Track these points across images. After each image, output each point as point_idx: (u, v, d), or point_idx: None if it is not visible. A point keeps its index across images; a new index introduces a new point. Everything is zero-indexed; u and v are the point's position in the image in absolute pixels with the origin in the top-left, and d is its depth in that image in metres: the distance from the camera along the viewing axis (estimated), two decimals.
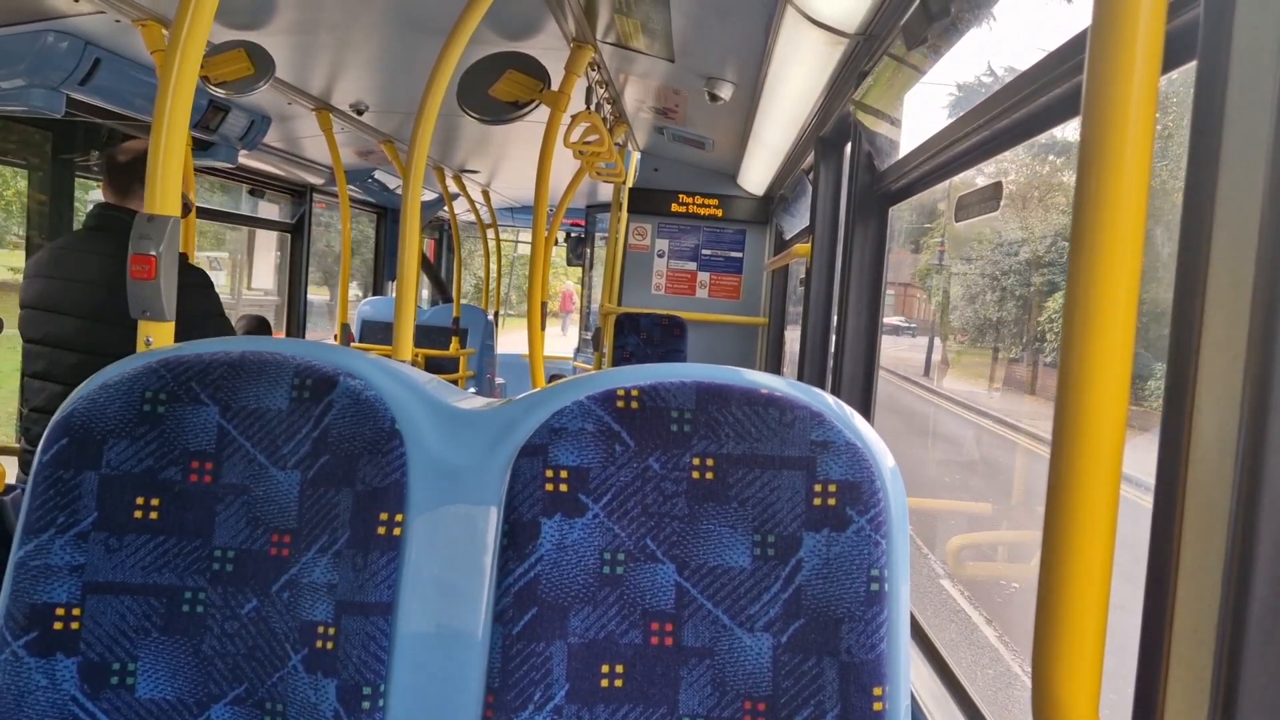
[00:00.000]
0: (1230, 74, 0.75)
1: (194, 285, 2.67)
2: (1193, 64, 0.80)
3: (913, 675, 1.01)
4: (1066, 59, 1.27)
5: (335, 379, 1.03)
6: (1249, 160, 0.72)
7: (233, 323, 3.13)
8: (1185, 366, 0.78)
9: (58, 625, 0.98)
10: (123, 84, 3.22)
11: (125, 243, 2.48)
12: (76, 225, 3.88)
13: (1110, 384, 0.73)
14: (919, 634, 2.02)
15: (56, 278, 2.59)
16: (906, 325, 11.05)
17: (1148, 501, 0.84)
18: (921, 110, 2.56)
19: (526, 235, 10.43)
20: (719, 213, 5.90)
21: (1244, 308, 0.71)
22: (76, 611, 0.99)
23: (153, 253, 1.48)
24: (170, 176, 1.50)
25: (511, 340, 8.59)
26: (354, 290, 7.95)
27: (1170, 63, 0.86)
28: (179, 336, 1.90)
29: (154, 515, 1.00)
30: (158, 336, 1.52)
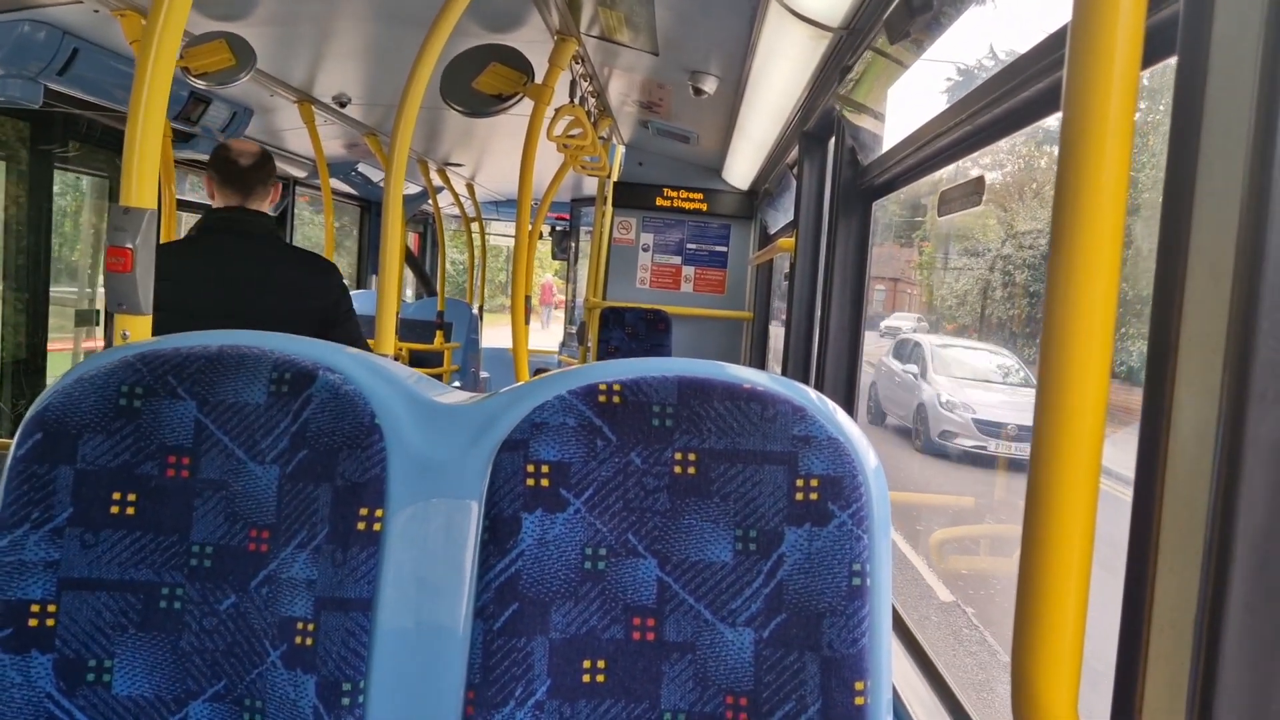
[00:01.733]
0: (1210, 69, 0.75)
1: (343, 283, 2.70)
2: (1172, 59, 0.80)
3: (894, 669, 1.01)
4: (1049, 53, 1.27)
5: (314, 373, 1.02)
6: (1228, 155, 0.72)
7: None
8: (1164, 362, 0.78)
9: (33, 622, 0.97)
10: (101, 74, 3.19)
11: (258, 244, 2.64)
12: (56, 217, 3.85)
13: (1090, 380, 0.73)
14: (900, 628, 2.03)
15: (186, 280, 2.54)
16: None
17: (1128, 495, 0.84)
18: (905, 105, 2.57)
19: (498, 228, 10.38)
20: (704, 207, 5.90)
21: (1223, 303, 0.72)
22: (52, 608, 0.98)
23: (129, 245, 1.46)
24: (147, 168, 1.48)
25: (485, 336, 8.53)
26: None
27: (1150, 58, 0.86)
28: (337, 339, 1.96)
29: (130, 511, 1.00)
30: (134, 330, 1.51)
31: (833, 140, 2.70)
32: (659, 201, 5.89)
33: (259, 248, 2.62)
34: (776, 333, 5.38)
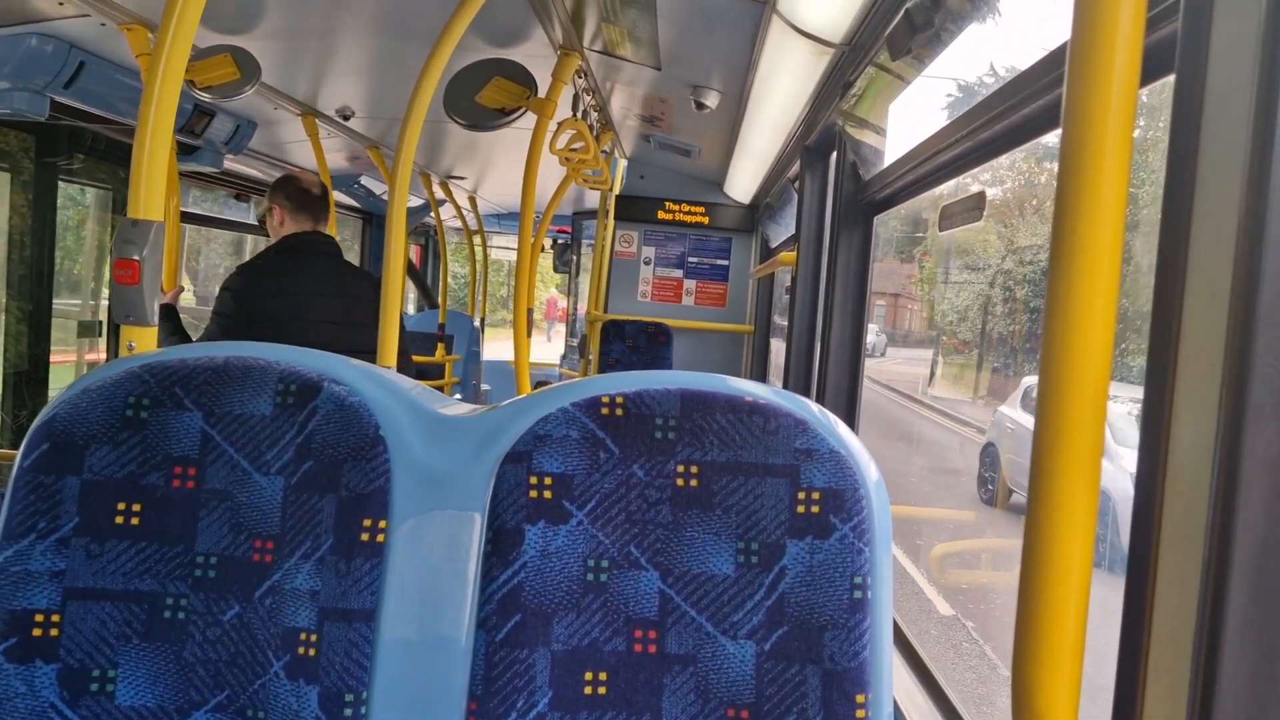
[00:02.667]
0: (1207, 87, 0.76)
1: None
2: (1162, 81, 0.81)
3: (895, 682, 1.02)
4: (1048, 71, 1.28)
5: (319, 385, 1.03)
6: (1225, 172, 0.73)
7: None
8: (1163, 377, 0.79)
9: (37, 631, 0.98)
10: (107, 87, 3.21)
11: (342, 261, 3.14)
12: (59, 228, 3.87)
13: (1089, 392, 0.73)
14: (901, 640, 2.03)
15: (289, 293, 3.01)
16: None
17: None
18: (907, 120, 2.58)
19: (500, 241, 10.40)
20: (705, 220, 5.91)
21: (1220, 319, 0.72)
22: (56, 618, 0.98)
23: (136, 258, 1.47)
24: (154, 181, 1.49)
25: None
26: None
27: (1149, 76, 0.87)
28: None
29: (135, 521, 1.00)
30: (141, 341, 1.52)
31: (834, 155, 2.71)
32: (660, 215, 5.91)
33: (345, 264, 3.20)
34: (778, 346, 5.39)
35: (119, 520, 1.00)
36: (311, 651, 0.98)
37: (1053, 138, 1.48)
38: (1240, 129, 0.71)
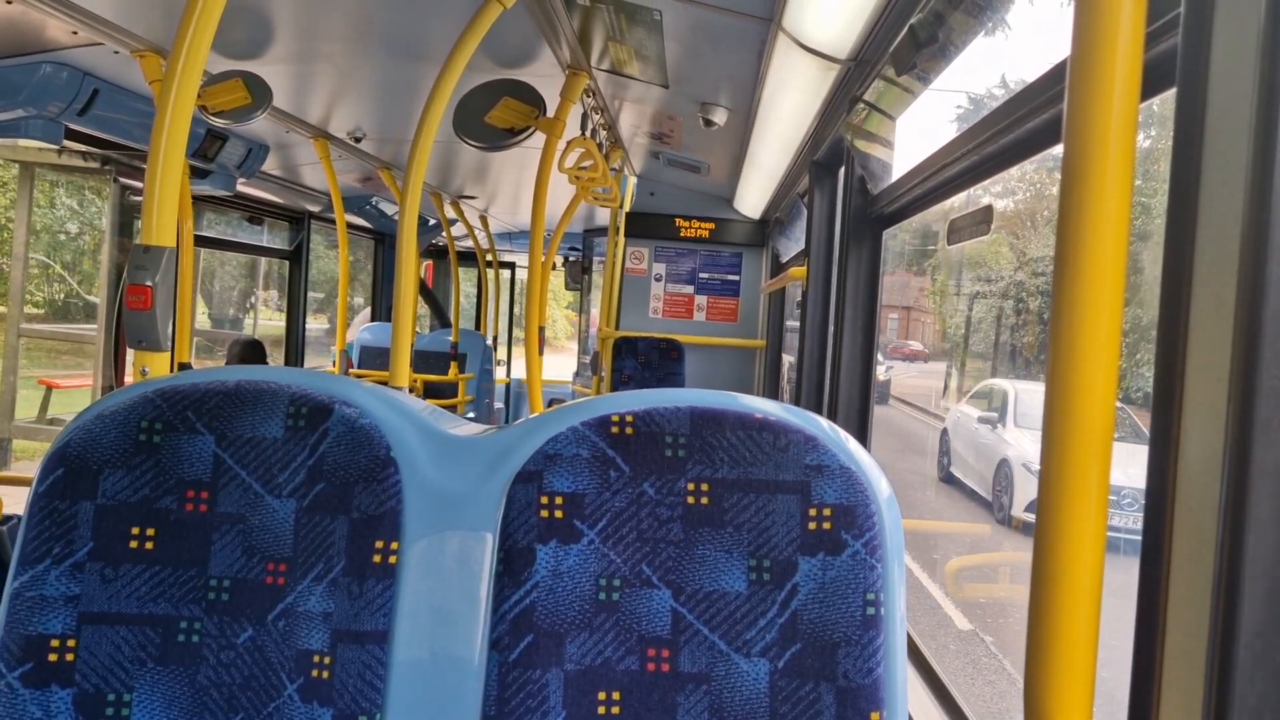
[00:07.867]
0: (1209, 100, 0.76)
1: None
2: (1172, 91, 0.81)
3: (910, 698, 1.01)
4: (1053, 84, 1.28)
5: (330, 407, 1.03)
6: (1228, 184, 0.73)
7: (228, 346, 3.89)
8: (1171, 390, 0.79)
9: (53, 656, 0.98)
10: (120, 114, 3.25)
11: None
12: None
13: (1096, 406, 0.73)
14: (916, 656, 2.02)
15: None
16: None
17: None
18: (915, 134, 2.58)
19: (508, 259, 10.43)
20: (716, 236, 5.93)
21: (1226, 331, 0.72)
22: (72, 642, 0.99)
23: (149, 283, 1.48)
24: (166, 206, 1.50)
25: None
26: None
27: (1149, 90, 0.87)
28: None
29: (150, 545, 1.01)
30: (154, 366, 1.53)
31: (842, 169, 2.71)
32: (671, 231, 5.93)
33: None
34: (791, 361, 5.39)
35: (133, 544, 1.00)
36: (325, 674, 0.98)
37: (1060, 149, 1.48)
38: (1242, 141, 0.71)
